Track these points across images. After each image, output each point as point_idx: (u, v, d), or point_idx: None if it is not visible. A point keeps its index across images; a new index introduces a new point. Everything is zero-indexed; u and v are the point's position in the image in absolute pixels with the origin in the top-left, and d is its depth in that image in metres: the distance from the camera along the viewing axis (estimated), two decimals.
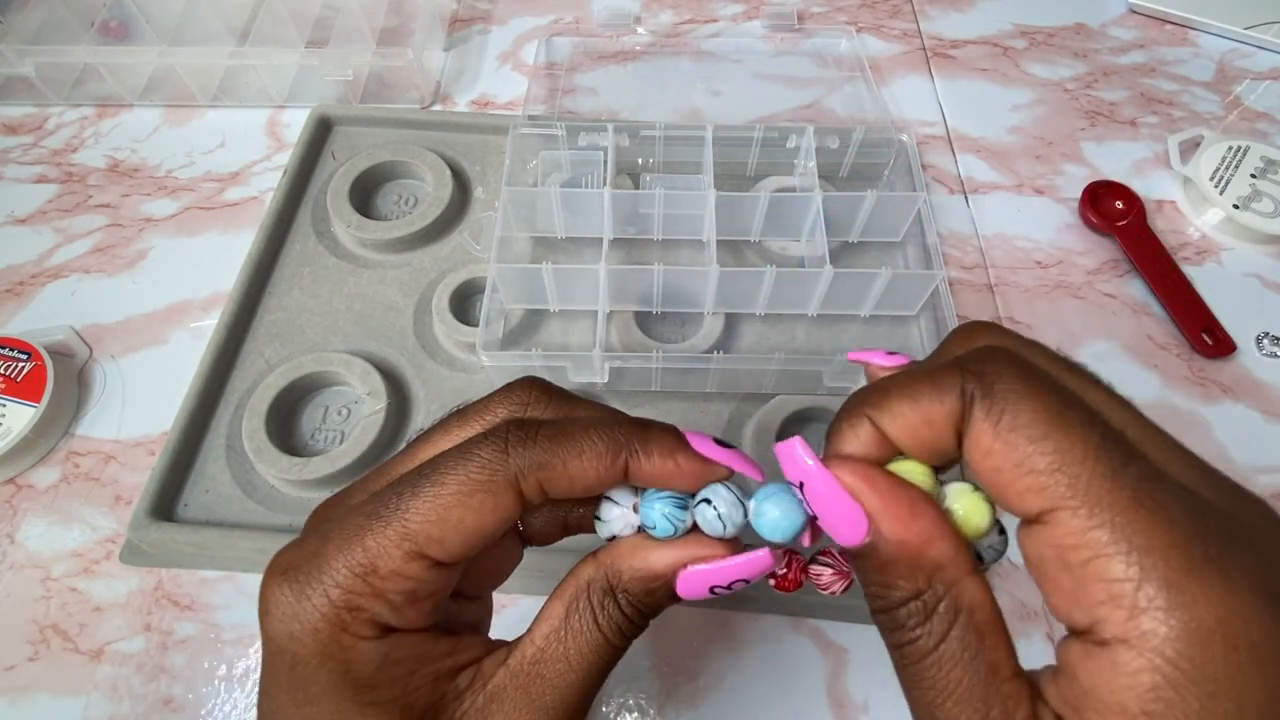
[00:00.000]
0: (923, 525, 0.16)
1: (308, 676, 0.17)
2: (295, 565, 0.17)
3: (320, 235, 0.48)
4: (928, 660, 0.15)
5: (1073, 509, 0.14)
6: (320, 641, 0.17)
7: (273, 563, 0.18)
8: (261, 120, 0.55)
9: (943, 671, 0.15)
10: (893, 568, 0.16)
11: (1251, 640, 0.12)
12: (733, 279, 0.41)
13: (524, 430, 0.18)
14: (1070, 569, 0.14)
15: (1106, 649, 0.13)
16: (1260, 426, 0.43)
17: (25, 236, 0.49)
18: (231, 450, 0.39)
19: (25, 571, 0.38)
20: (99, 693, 0.35)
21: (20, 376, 0.41)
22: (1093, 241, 0.50)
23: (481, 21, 0.63)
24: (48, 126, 0.55)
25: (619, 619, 0.19)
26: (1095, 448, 0.14)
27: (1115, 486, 0.14)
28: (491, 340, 0.42)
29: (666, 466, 0.18)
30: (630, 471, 0.18)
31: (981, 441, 0.15)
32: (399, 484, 0.18)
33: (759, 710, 0.35)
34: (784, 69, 0.59)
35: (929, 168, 0.54)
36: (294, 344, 0.43)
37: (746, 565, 0.19)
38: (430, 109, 0.56)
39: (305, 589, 0.17)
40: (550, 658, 0.18)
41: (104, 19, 0.57)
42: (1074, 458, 0.14)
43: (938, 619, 0.15)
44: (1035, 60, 0.60)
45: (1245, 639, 0.12)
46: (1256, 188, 0.50)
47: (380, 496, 0.18)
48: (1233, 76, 0.59)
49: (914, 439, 0.16)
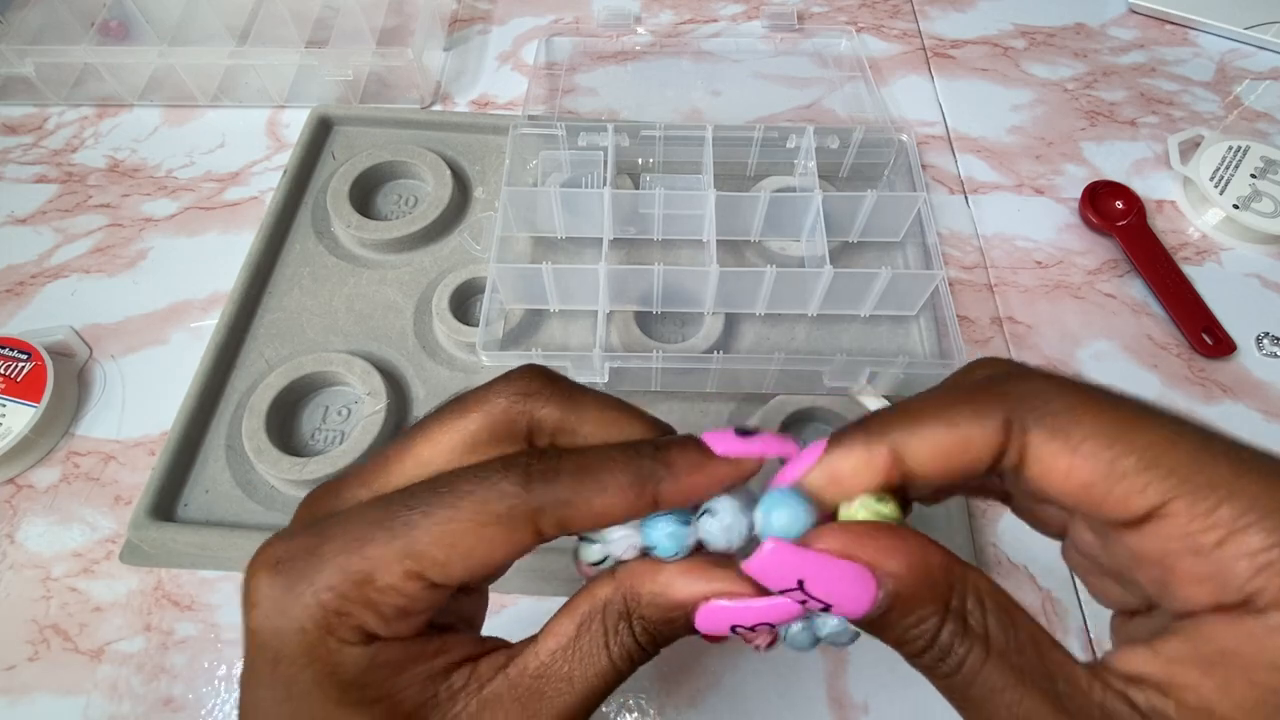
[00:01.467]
0: (917, 546, 0.16)
1: (291, 675, 0.17)
2: (286, 559, 0.17)
3: (320, 235, 0.48)
4: (987, 668, 0.15)
5: (1187, 496, 0.14)
6: (306, 642, 0.16)
7: (261, 553, 0.17)
8: (261, 120, 0.55)
9: (1001, 670, 0.15)
10: (917, 602, 0.16)
11: None
12: (733, 279, 0.41)
13: (545, 464, 0.17)
14: (1203, 553, 0.14)
15: (1263, 614, 0.13)
16: (1260, 426, 0.43)
17: (25, 236, 0.49)
18: (231, 450, 0.39)
19: (25, 571, 0.38)
20: (99, 693, 0.35)
21: (20, 376, 0.41)
22: (1093, 241, 0.50)
23: (481, 21, 0.63)
24: (48, 126, 0.55)
25: (631, 646, 0.18)
26: (1172, 434, 0.14)
27: (1213, 463, 0.14)
28: (491, 340, 0.42)
29: (696, 484, 0.17)
30: (659, 500, 0.17)
31: (1058, 463, 0.15)
32: (411, 497, 0.17)
33: (759, 710, 0.35)
34: (784, 69, 0.59)
35: (929, 168, 0.54)
36: (294, 344, 0.43)
37: (773, 609, 0.17)
38: (430, 109, 0.56)
39: (295, 586, 0.16)
40: (553, 675, 0.18)
41: (104, 19, 0.57)
42: (1160, 449, 0.14)
43: (973, 621, 0.15)
44: (1035, 60, 0.60)
45: None
46: (1256, 188, 0.50)
47: (388, 505, 0.17)
48: (1233, 76, 0.59)
49: (944, 464, 0.16)
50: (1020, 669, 0.15)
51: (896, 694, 0.35)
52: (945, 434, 0.16)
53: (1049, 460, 0.15)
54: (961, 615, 0.15)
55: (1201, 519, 0.14)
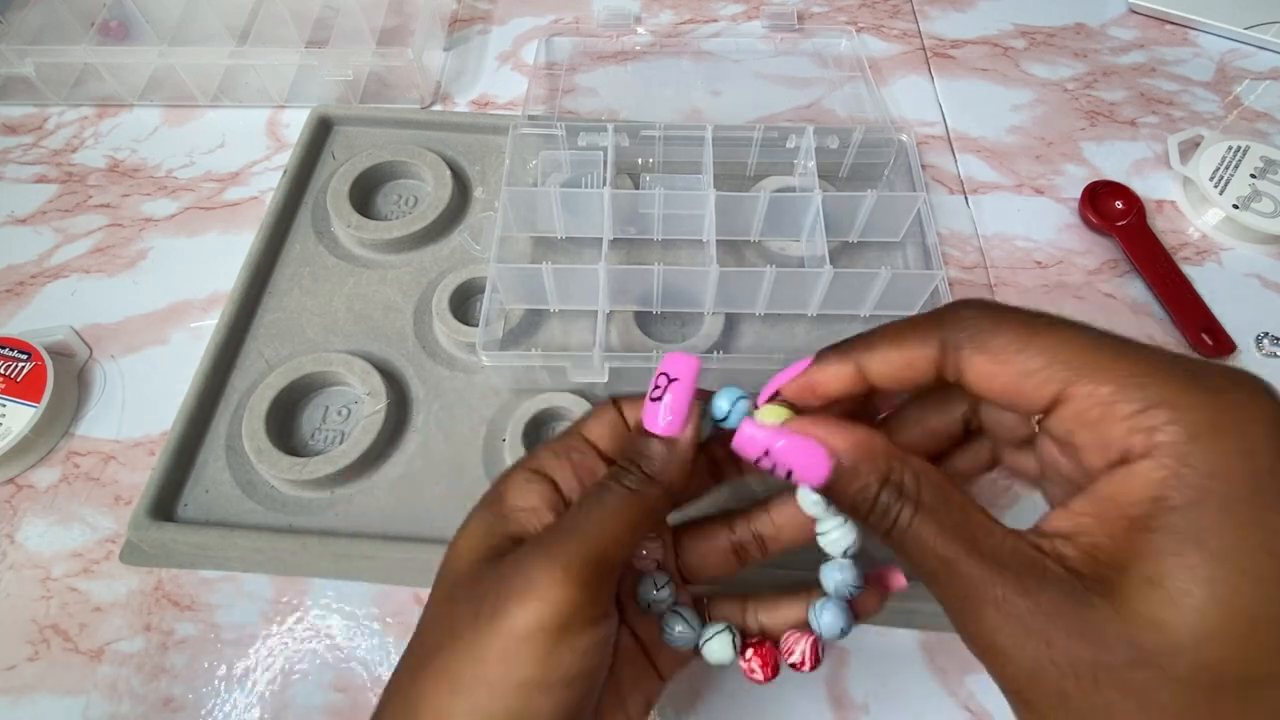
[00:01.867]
0: (858, 430, 0.20)
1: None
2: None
3: (320, 235, 0.48)
4: (916, 522, 0.19)
5: (1079, 382, 0.17)
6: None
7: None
8: (261, 120, 0.55)
9: (928, 524, 0.19)
10: (862, 473, 0.20)
11: (1242, 431, 0.16)
12: (732, 279, 0.41)
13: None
14: (1093, 425, 0.17)
15: (1130, 466, 0.17)
16: None
17: (25, 236, 0.49)
18: (231, 450, 0.39)
19: (25, 572, 0.38)
20: (99, 693, 0.35)
21: (20, 376, 0.41)
22: (1093, 241, 0.50)
23: (481, 21, 0.63)
24: (48, 126, 0.55)
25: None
26: (1071, 335, 0.18)
27: (1098, 353, 0.17)
28: (491, 340, 0.42)
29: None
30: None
31: (983, 370, 0.19)
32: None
33: (759, 710, 0.35)
34: (784, 69, 0.59)
35: (929, 168, 0.54)
36: (294, 344, 0.43)
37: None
38: (430, 109, 0.56)
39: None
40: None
41: (104, 19, 0.57)
42: (1059, 348, 0.18)
43: (908, 489, 0.19)
44: (1035, 60, 0.60)
45: (1233, 430, 0.16)
46: (1256, 188, 0.50)
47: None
48: (1233, 76, 0.59)
49: (895, 377, 0.21)
50: (945, 524, 0.18)
51: (897, 694, 0.35)
52: (896, 354, 0.21)
53: (977, 368, 0.19)
54: (899, 484, 0.19)
55: (1089, 399, 0.17)
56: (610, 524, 0.21)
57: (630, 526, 0.22)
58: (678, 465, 0.23)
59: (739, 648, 0.25)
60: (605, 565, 0.21)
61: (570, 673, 0.20)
